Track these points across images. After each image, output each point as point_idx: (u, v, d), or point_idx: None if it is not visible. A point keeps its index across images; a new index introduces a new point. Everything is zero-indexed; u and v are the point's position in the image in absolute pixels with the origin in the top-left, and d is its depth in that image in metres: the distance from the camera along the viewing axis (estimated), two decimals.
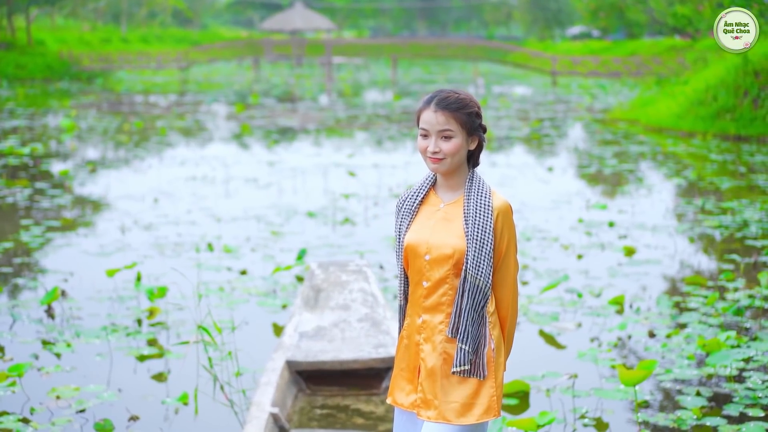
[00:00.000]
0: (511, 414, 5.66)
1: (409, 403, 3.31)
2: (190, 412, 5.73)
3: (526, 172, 15.36)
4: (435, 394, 3.24)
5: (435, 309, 3.25)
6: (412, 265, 3.30)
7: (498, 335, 3.26)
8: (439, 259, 3.22)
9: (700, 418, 5.51)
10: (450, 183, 3.30)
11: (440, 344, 3.23)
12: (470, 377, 3.21)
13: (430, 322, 3.26)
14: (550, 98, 32.36)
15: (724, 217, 11.25)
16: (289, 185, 13.90)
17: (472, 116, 3.23)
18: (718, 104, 20.15)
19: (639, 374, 5.09)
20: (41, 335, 7.09)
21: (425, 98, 3.26)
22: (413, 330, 3.31)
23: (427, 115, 3.22)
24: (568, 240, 10.27)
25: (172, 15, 77.14)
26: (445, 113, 3.19)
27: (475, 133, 3.26)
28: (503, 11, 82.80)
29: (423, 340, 3.28)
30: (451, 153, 3.20)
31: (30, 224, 10.86)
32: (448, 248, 3.20)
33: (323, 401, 5.67)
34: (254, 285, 8.45)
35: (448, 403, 3.22)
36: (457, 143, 3.21)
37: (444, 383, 3.23)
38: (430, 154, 3.21)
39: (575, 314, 7.65)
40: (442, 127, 3.20)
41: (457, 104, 3.20)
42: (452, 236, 3.21)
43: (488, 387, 3.21)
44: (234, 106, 27.85)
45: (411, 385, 3.31)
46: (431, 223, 3.27)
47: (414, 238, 3.28)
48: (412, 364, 3.31)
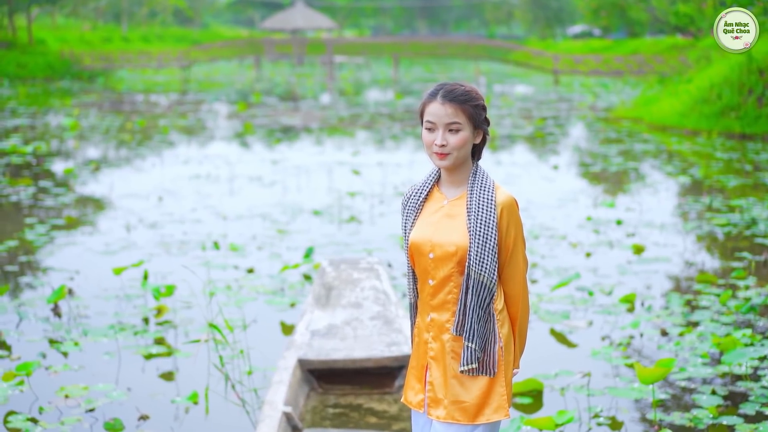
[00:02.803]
0: (525, 413, 5.60)
1: (418, 401, 3.27)
2: (200, 411, 5.67)
3: (530, 171, 15.30)
4: (444, 393, 3.18)
5: (441, 307, 3.19)
6: (418, 264, 3.24)
7: (507, 333, 3.20)
8: (443, 257, 3.15)
9: (716, 417, 5.45)
10: (454, 178, 3.22)
11: (448, 342, 3.18)
12: (479, 376, 3.14)
13: (437, 321, 3.20)
14: (553, 97, 32.29)
15: (732, 215, 11.19)
16: (293, 183, 13.83)
17: (479, 109, 3.16)
18: (723, 102, 20.09)
19: (657, 372, 5.03)
20: (48, 334, 7.03)
21: (429, 91, 3.17)
22: (422, 328, 3.26)
23: (433, 108, 3.14)
24: (576, 238, 10.21)
25: (172, 14, 77.08)
26: (453, 105, 3.12)
27: (480, 126, 3.19)
28: (504, 10, 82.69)
29: (431, 339, 3.22)
30: (458, 146, 3.12)
31: (34, 223, 10.79)
32: (451, 246, 3.14)
33: (335, 400, 5.60)
34: (261, 283, 8.39)
35: (456, 402, 3.16)
36: (465, 136, 3.13)
37: (452, 382, 3.17)
38: (437, 148, 3.13)
39: (586, 312, 7.59)
40: (450, 119, 3.12)
41: (464, 96, 3.13)
42: (455, 233, 3.14)
43: (498, 386, 3.15)
44: (236, 105, 27.79)
45: (420, 384, 3.26)
46: (434, 220, 3.20)
47: (418, 237, 3.21)
48: (421, 362, 3.26)
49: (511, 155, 17.40)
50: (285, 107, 27.77)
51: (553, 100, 30.93)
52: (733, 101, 19.88)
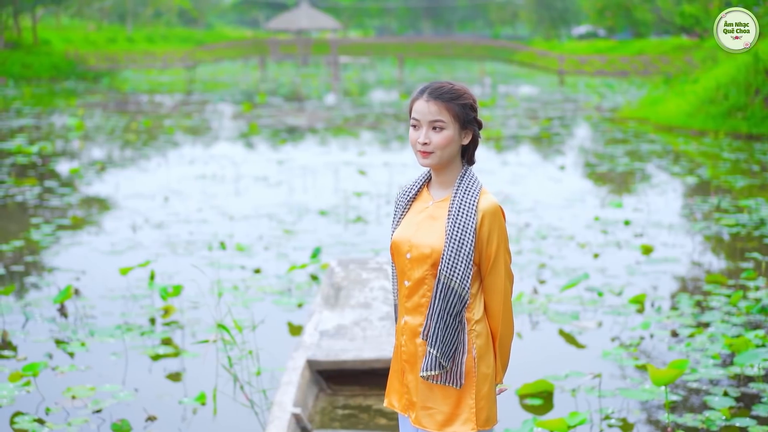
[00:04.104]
0: (536, 414, 5.55)
1: (398, 405, 3.22)
2: (208, 412, 5.63)
3: (537, 171, 15.25)
4: (417, 397, 3.13)
5: (415, 310, 3.11)
6: (396, 264, 3.18)
7: (483, 345, 3.08)
8: (419, 259, 3.08)
9: (729, 419, 5.40)
10: (442, 180, 3.14)
11: (420, 347, 3.10)
12: (446, 385, 3.06)
13: (410, 324, 3.13)
14: (558, 97, 32.22)
15: (741, 215, 11.13)
16: (299, 184, 13.80)
17: (466, 108, 3.07)
18: (729, 103, 20.01)
19: (670, 374, 4.97)
20: (54, 334, 6.99)
21: (419, 88, 3.11)
22: (398, 331, 3.20)
23: (419, 105, 3.07)
24: (583, 238, 10.15)
25: (177, 15, 77.10)
26: (438, 103, 3.04)
27: (468, 126, 3.09)
28: (509, 11, 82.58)
29: (404, 342, 3.15)
30: (441, 146, 3.04)
31: (40, 223, 10.76)
32: (426, 248, 3.06)
33: (345, 401, 5.56)
34: (268, 283, 8.35)
35: (425, 408, 3.10)
36: (448, 135, 3.04)
37: (422, 387, 3.11)
38: (420, 146, 3.06)
39: (595, 313, 7.54)
40: (433, 117, 3.04)
41: (450, 94, 3.04)
42: (434, 235, 3.07)
43: (468, 398, 3.06)
44: (241, 105, 27.76)
45: (402, 387, 3.20)
46: (418, 220, 3.14)
47: (399, 236, 3.15)
48: (398, 365, 3.20)
49: (518, 155, 17.35)
50: (290, 108, 27.74)
51: (559, 100, 30.87)
52: (740, 101, 19.81)
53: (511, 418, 5.47)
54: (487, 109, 26.41)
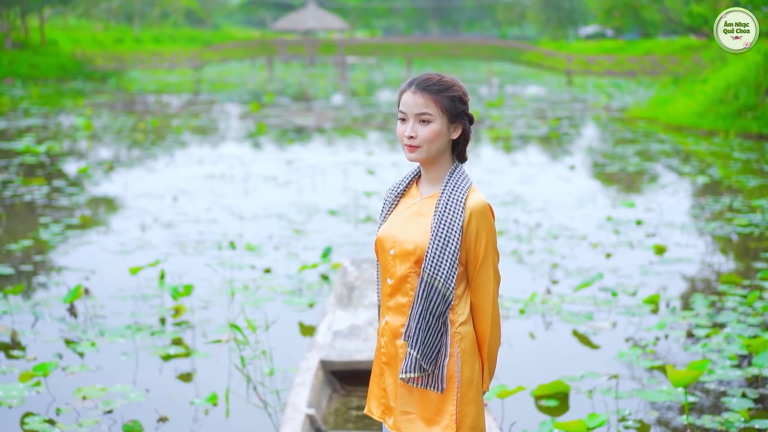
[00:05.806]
0: (552, 415, 5.48)
1: (376, 412, 3.09)
2: (220, 412, 5.57)
3: (547, 171, 15.17)
4: (395, 402, 3.00)
5: (398, 310, 2.99)
6: (380, 260, 3.06)
7: (467, 349, 2.95)
8: (402, 255, 2.96)
9: (747, 421, 5.33)
10: (430, 175, 3.04)
11: (401, 349, 2.98)
12: (426, 389, 2.94)
13: (391, 324, 3.00)
14: (566, 97, 32.13)
15: (754, 215, 11.04)
16: (308, 183, 13.74)
17: (455, 101, 2.95)
18: (739, 102, 19.91)
19: (690, 375, 4.90)
20: (64, 334, 6.94)
21: (407, 80, 3.00)
22: (379, 333, 3.08)
23: (406, 98, 2.97)
24: (596, 238, 10.08)
25: (184, 15, 77.16)
26: (425, 95, 2.93)
27: (458, 120, 2.97)
28: (516, 11, 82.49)
29: (384, 343, 3.03)
30: (428, 139, 2.93)
31: (49, 222, 10.72)
32: (410, 244, 2.94)
33: (359, 402, 5.49)
34: (279, 283, 8.29)
35: (404, 413, 2.98)
36: (435, 129, 2.93)
37: (401, 391, 2.99)
38: (406, 140, 2.96)
39: (610, 313, 7.47)
40: (420, 110, 2.93)
41: (438, 86, 2.93)
42: (418, 231, 2.95)
43: (449, 404, 2.93)
44: (248, 105, 27.72)
45: (378, 391, 3.08)
46: (404, 216, 3.03)
47: (383, 232, 3.04)
48: (378, 368, 3.08)
49: (527, 156, 17.27)
50: (297, 108, 27.69)
51: (567, 100, 30.78)
52: (750, 101, 19.70)
53: (527, 419, 5.41)
54: (496, 110, 26.33)
